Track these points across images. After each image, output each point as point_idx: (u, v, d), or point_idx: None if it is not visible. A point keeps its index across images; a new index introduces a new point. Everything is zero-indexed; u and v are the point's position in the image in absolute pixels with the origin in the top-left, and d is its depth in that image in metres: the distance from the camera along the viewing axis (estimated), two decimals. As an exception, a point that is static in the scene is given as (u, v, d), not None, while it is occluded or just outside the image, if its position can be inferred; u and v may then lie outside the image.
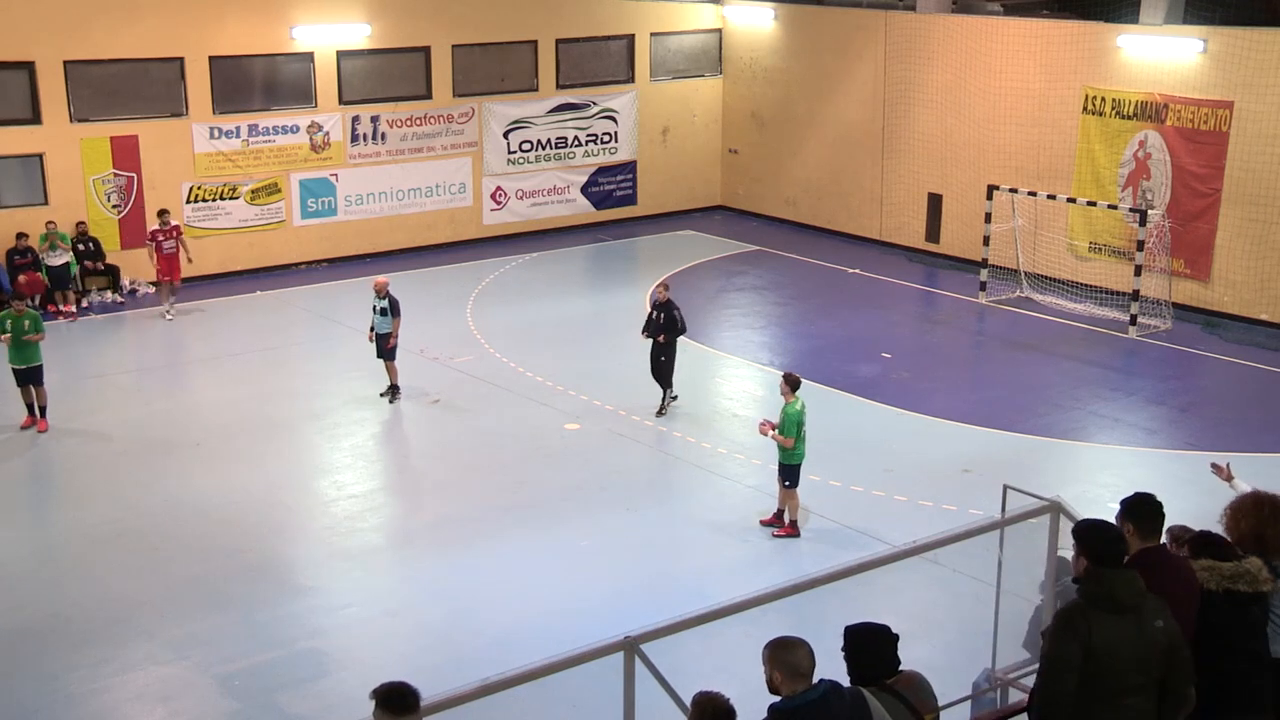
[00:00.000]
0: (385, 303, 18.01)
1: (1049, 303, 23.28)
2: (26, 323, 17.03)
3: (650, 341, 17.69)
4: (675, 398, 17.88)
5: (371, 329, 18.21)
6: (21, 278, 21.57)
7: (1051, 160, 23.95)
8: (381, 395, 18.21)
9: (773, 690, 5.33)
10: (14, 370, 17.06)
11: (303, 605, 12.84)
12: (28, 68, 22.47)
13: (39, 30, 22.35)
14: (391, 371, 18.23)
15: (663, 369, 17.71)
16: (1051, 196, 23.14)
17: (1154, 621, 5.65)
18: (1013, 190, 23.74)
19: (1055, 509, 7.58)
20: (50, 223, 22.55)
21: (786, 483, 14.14)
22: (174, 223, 22.52)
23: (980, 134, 25.13)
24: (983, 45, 24.92)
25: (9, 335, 16.86)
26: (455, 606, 12.79)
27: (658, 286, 18.21)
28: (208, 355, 20.64)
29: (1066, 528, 7.19)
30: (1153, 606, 5.67)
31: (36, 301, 21.55)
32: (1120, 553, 5.74)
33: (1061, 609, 5.78)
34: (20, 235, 22.36)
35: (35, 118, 22.69)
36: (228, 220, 24.77)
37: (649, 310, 18.08)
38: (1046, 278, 23.86)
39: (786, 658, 5.30)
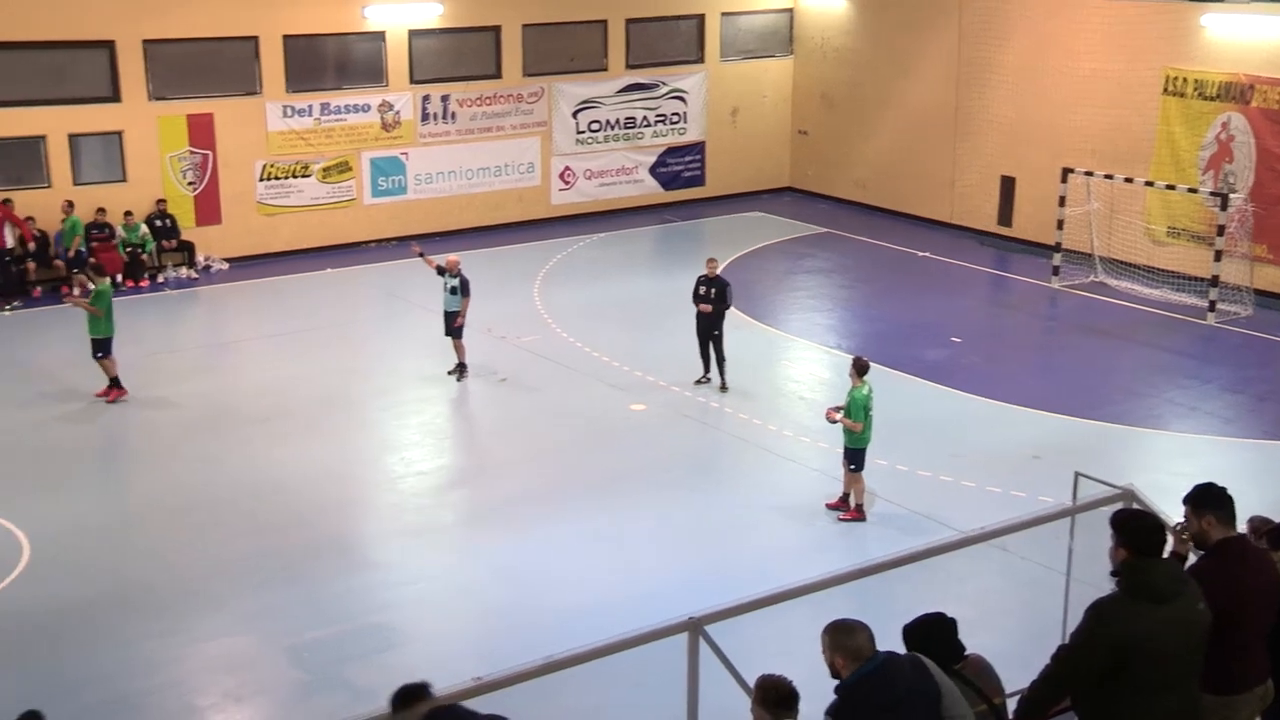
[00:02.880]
0: (456, 281, 18.12)
1: (1124, 288, 22.85)
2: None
3: (700, 314, 17.70)
4: (708, 380, 17.86)
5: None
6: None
7: (1129, 143, 23.46)
8: (449, 373, 18.32)
9: (834, 675, 5.30)
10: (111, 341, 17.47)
11: (369, 580, 12.99)
12: (108, 47, 22.85)
13: (120, 9, 22.72)
14: (459, 350, 18.33)
15: (718, 343, 17.71)
16: (1129, 180, 22.69)
17: (1195, 605, 5.57)
18: (1088, 173, 23.32)
19: (1129, 497, 7.43)
20: (129, 214, 22.99)
21: (852, 466, 14.04)
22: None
23: (1056, 116, 24.68)
24: (1060, 25, 24.45)
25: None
26: (519, 584, 12.86)
27: (709, 261, 18.12)
28: (278, 331, 20.91)
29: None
30: (1194, 592, 5.59)
31: (118, 280, 22.05)
32: (1161, 542, 5.65)
33: (1097, 601, 5.66)
34: (99, 210, 22.79)
35: (115, 96, 23.08)
36: (299, 198, 25.05)
37: (701, 286, 17.92)
38: (1122, 262, 23.41)
39: (847, 642, 5.27)
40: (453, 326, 18.24)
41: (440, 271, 18.29)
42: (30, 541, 13.45)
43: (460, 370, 18.32)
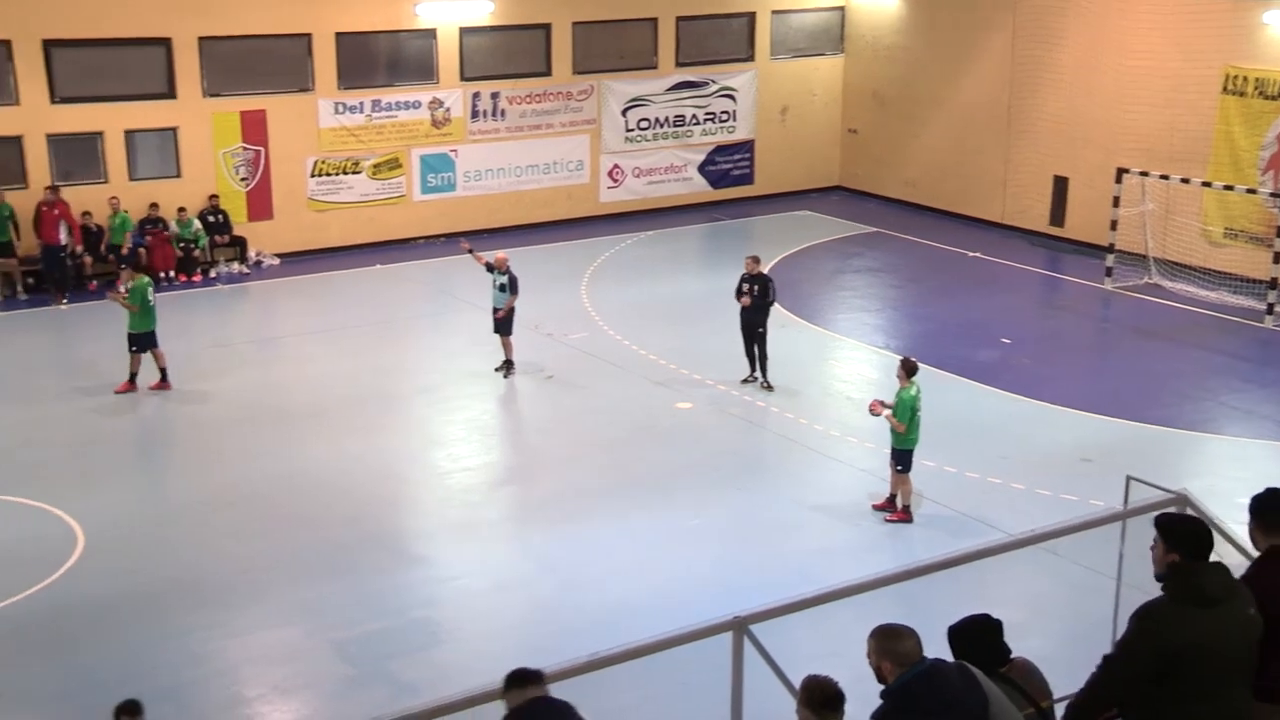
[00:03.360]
0: (505, 278, 18.14)
1: (1179, 290, 22.53)
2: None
3: (744, 312, 17.67)
4: (756, 379, 17.80)
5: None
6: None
7: (1186, 143, 23.11)
8: (496, 370, 18.37)
9: (880, 680, 5.25)
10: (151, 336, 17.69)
11: (416, 575, 13.06)
12: (164, 44, 23.13)
13: (176, 7, 22.98)
14: (507, 347, 18.38)
15: (762, 341, 17.67)
16: (1185, 180, 22.36)
17: (1246, 610, 5.46)
18: (1143, 173, 23.00)
19: (1182, 502, 7.30)
20: (182, 209, 23.28)
21: (899, 467, 13.94)
22: None
23: (1111, 115, 24.37)
24: (1117, 23, 24.13)
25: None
26: (565, 581, 12.88)
27: (751, 259, 18.03)
28: (327, 327, 21.06)
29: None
30: (1244, 597, 5.49)
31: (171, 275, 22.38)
32: (1210, 546, 5.54)
33: (1144, 606, 5.54)
34: (153, 206, 23.08)
35: (170, 92, 23.36)
36: (349, 194, 25.24)
37: (744, 284, 17.84)
38: (1177, 264, 23.08)
39: (895, 647, 5.20)
40: (499, 323, 18.27)
41: (489, 269, 18.34)
42: (84, 533, 13.64)
43: (507, 367, 18.36)
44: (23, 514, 14.10)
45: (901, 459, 13.89)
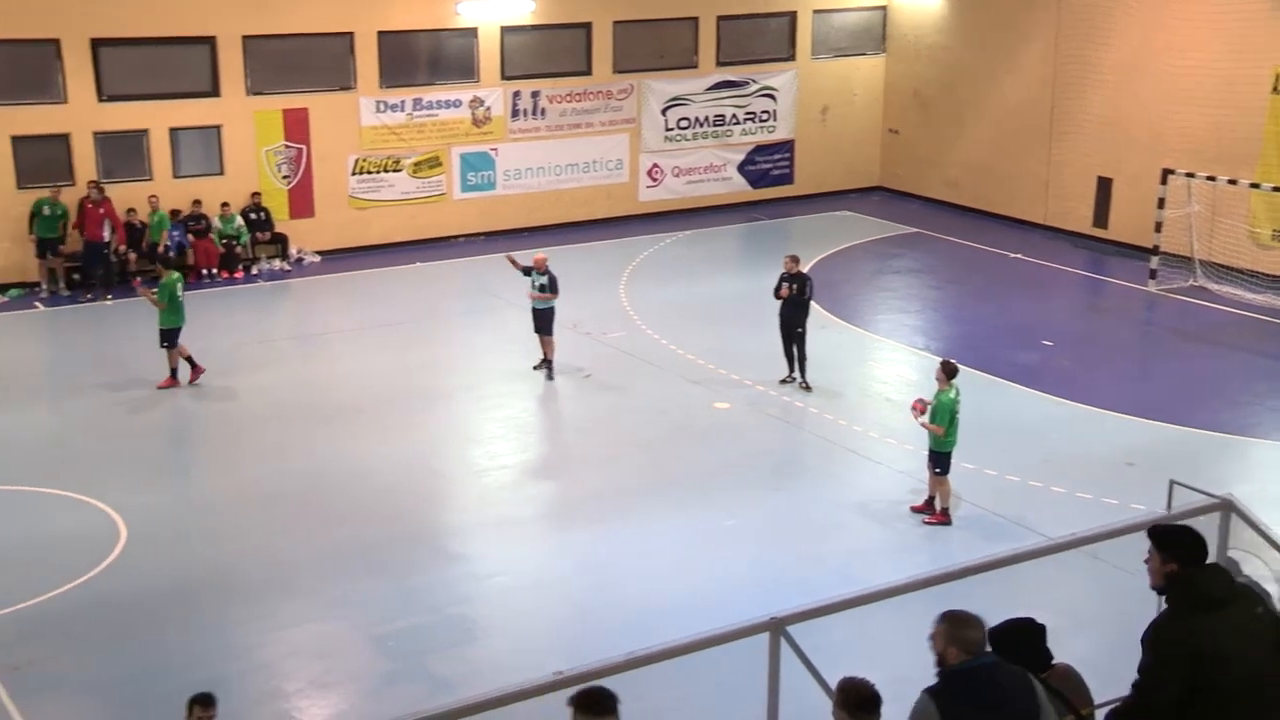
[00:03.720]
0: (545, 279, 18.08)
1: (1225, 292, 22.24)
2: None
3: (783, 312, 17.65)
4: (794, 379, 17.76)
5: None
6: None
7: (1234, 144, 22.81)
8: (535, 368, 18.39)
9: (941, 664, 5.22)
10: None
11: (453, 572, 13.11)
12: (209, 42, 23.35)
13: (221, 6, 23.19)
14: (548, 346, 18.37)
15: (801, 341, 17.65)
16: (1233, 181, 22.08)
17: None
18: (1190, 175, 22.73)
19: (1227, 507, 7.20)
20: (225, 205, 23.48)
21: (937, 469, 13.85)
22: None
23: (1156, 116, 24.10)
24: (1165, 22, 23.86)
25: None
26: (601, 580, 12.89)
27: (791, 259, 17.97)
28: (367, 324, 21.18)
29: (1238, 528, 6.85)
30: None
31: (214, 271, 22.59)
32: (1205, 552, 5.58)
33: (1150, 629, 5.51)
34: (195, 203, 23.30)
35: (214, 91, 23.57)
36: (390, 192, 25.37)
37: (783, 284, 17.79)
38: (1223, 266, 22.79)
39: (966, 634, 5.20)
40: (539, 321, 18.22)
41: (527, 271, 18.33)
42: (126, 526, 13.79)
43: (547, 367, 18.37)
44: (66, 507, 14.27)
45: (940, 461, 13.80)
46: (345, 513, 14.30)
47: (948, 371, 13.79)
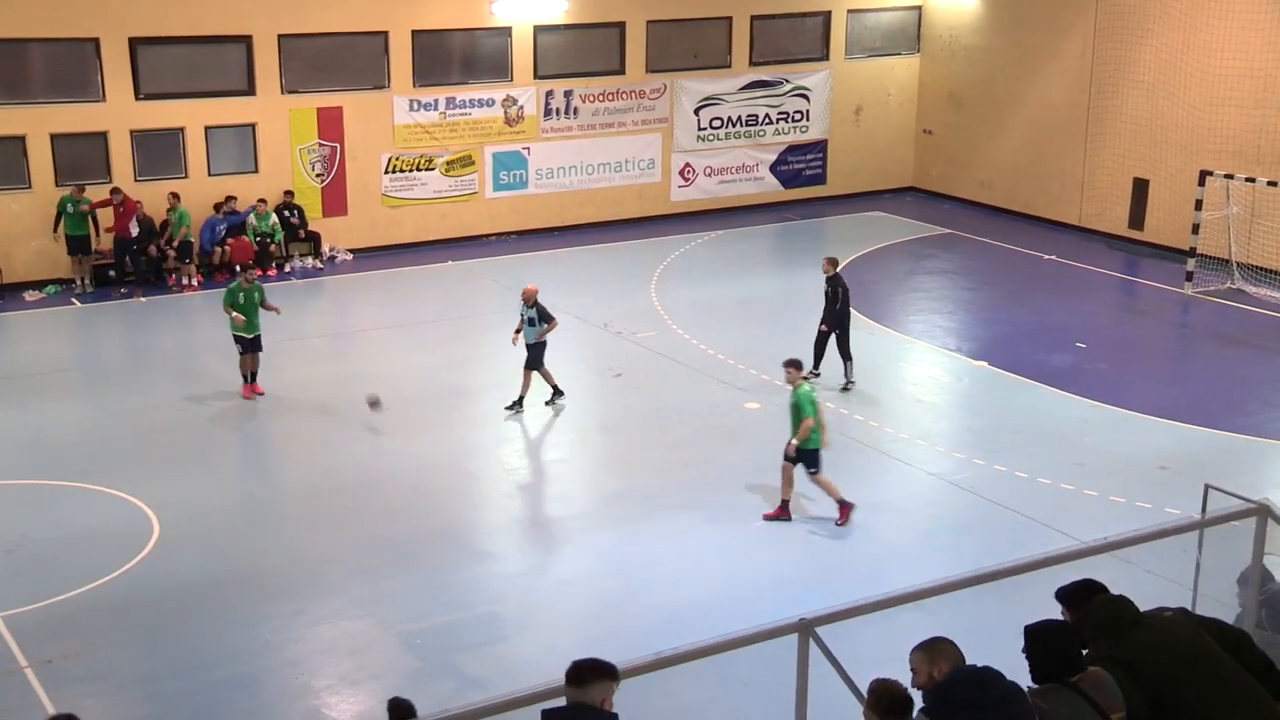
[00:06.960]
0: (534, 312, 16.86)
1: (1263, 295, 22.00)
2: (258, 295, 17.76)
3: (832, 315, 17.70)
4: (817, 375, 17.75)
5: (517, 331, 17.10)
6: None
7: (1275, 144, 22.57)
8: (546, 404, 17.14)
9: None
10: (242, 339, 17.62)
11: (483, 570, 13.14)
12: (245, 41, 23.51)
13: (257, 5, 23.34)
14: (547, 377, 17.19)
15: (843, 341, 17.69)
16: (1272, 183, 21.84)
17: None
18: (1228, 176, 22.50)
19: (1263, 511, 7.12)
20: (262, 200, 23.60)
21: (811, 469, 13.89)
22: None
23: (1195, 116, 23.87)
24: (1204, 22, 23.61)
25: (241, 310, 17.49)
26: (629, 579, 12.89)
27: (829, 260, 17.97)
28: (399, 322, 21.26)
29: (1275, 532, 6.78)
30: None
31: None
32: (1093, 588, 5.97)
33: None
34: (229, 198, 23.45)
35: (250, 89, 23.72)
36: (423, 191, 25.46)
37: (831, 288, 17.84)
38: (1262, 269, 22.54)
39: (945, 648, 5.33)
40: (533, 357, 16.91)
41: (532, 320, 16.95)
42: (160, 522, 13.90)
43: (555, 394, 17.27)
44: (101, 502, 14.40)
45: (812, 459, 13.84)
46: (376, 510, 14.37)
47: (796, 367, 14.03)
